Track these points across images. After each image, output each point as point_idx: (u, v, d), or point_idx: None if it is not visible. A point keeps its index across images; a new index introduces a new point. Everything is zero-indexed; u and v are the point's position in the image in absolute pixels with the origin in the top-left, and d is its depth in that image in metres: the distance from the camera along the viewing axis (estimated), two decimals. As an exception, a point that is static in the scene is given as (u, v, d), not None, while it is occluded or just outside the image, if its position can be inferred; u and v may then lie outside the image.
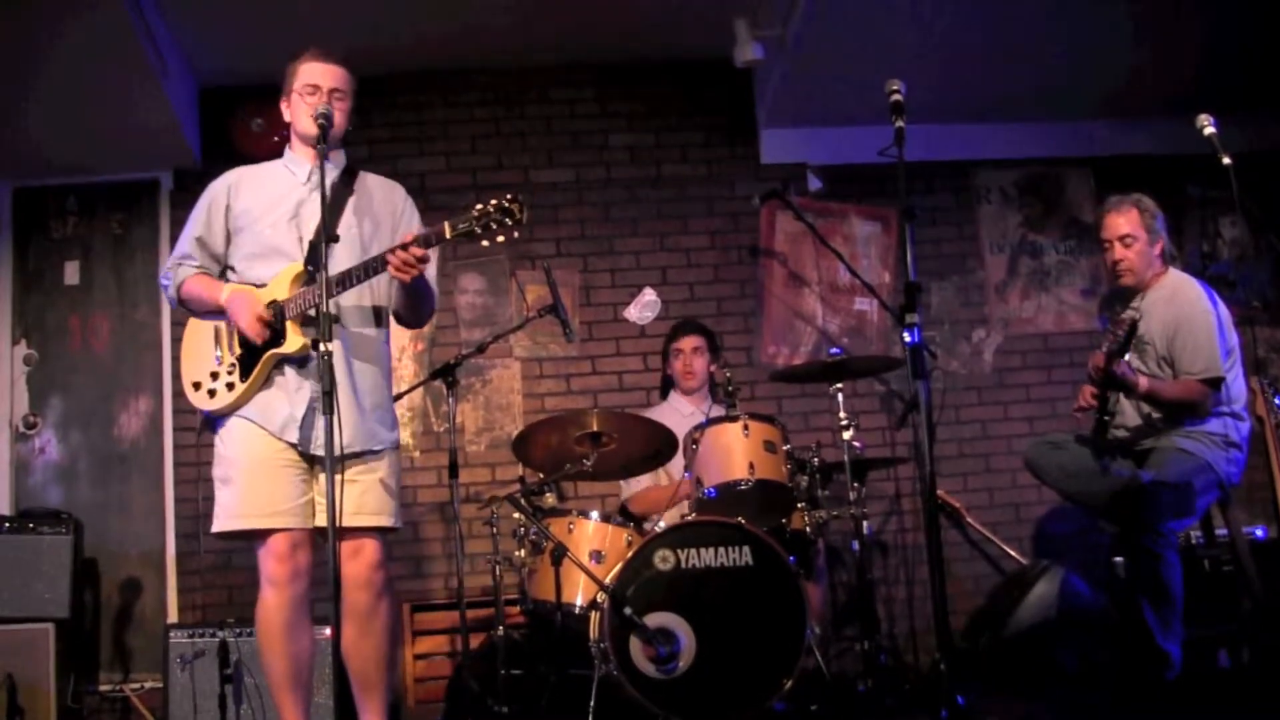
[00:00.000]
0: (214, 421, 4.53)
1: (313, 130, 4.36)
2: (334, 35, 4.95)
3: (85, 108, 6.70)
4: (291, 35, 4.80)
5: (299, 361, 4.42)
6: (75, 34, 6.03)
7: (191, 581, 7.14)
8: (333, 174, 4.55)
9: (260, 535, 4.42)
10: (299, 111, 4.57)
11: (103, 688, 6.93)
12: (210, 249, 4.60)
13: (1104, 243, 5.74)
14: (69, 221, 7.49)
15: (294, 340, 4.39)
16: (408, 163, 7.59)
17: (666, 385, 7.01)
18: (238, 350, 4.47)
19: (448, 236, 4.30)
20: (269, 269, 4.48)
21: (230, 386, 4.45)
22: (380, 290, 4.64)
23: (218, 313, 4.52)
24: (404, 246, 4.26)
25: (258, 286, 4.49)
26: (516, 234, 4.32)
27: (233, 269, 4.60)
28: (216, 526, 4.47)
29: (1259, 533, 6.71)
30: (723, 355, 7.07)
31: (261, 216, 4.54)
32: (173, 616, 7.07)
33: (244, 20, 6.72)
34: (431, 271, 4.62)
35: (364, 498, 4.43)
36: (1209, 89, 6.89)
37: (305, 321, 4.39)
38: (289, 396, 4.42)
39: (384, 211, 4.71)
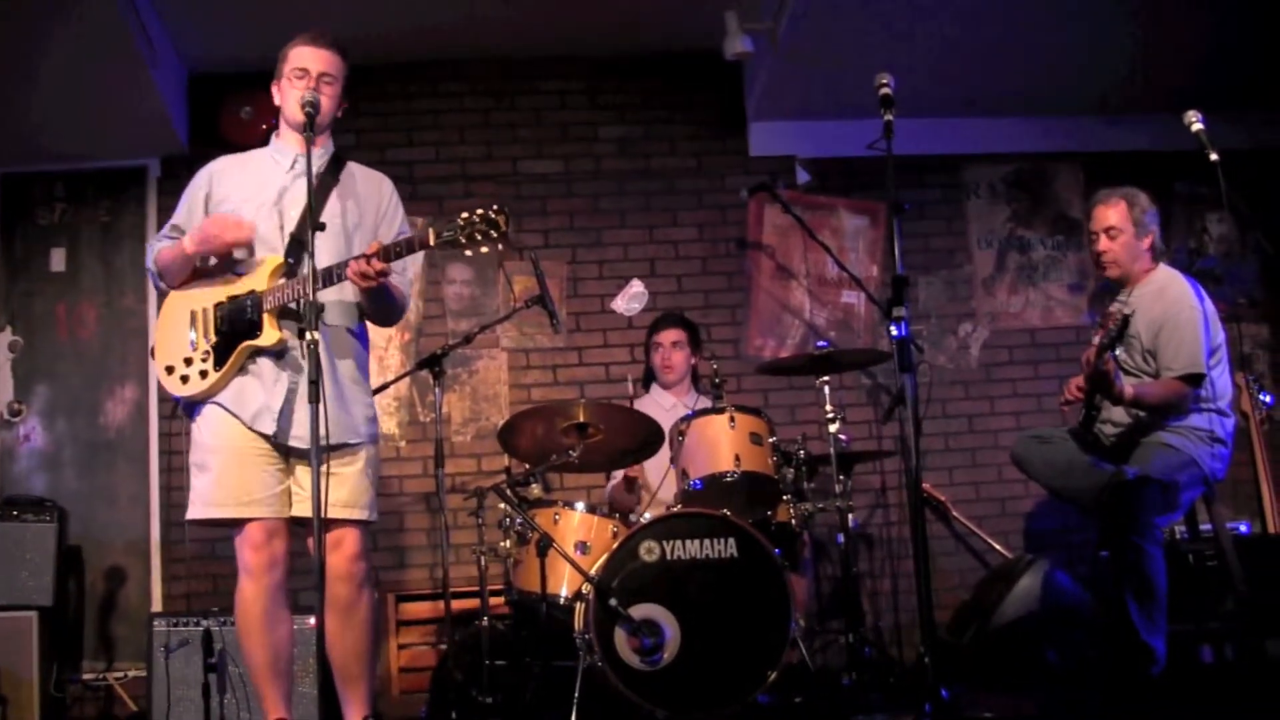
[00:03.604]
0: (191, 408, 4.53)
1: (300, 117, 4.35)
2: (325, 23, 4.90)
3: (74, 94, 6.68)
4: (281, 23, 4.78)
5: (275, 354, 4.42)
6: (64, 21, 6.02)
7: (176, 570, 7.13)
8: (319, 161, 4.54)
9: (236, 524, 4.43)
10: (288, 96, 4.56)
11: (86, 676, 6.92)
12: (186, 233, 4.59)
13: (1091, 234, 5.75)
14: (56, 208, 7.47)
15: (270, 334, 4.39)
16: (396, 152, 7.59)
17: (648, 377, 7.02)
18: (213, 337, 4.47)
19: (431, 244, 4.30)
20: (248, 257, 4.49)
21: (203, 374, 4.44)
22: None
23: (189, 270, 4.51)
24: (367, 257, 4.28)
25: (236, 276, 4.49)
26: (500, 246, 4.31)
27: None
28: (191, 514, 4.49)
29: (1243, 528, 6.75)
30: (709, 347, 7.08)
31: (242, 203, 4.52)
32: (157, 605, 7.05)
33: (233, 7, 6.70)
34: (407, 276, 4.71)
35: (339, 490, 4.42)
36: (1199, 86, 6.90)
37: (283, 314, 4.39)
38: (266, 388, 4.42)
39: (369, 204, 4.70)
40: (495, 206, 4.30)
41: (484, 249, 4.30)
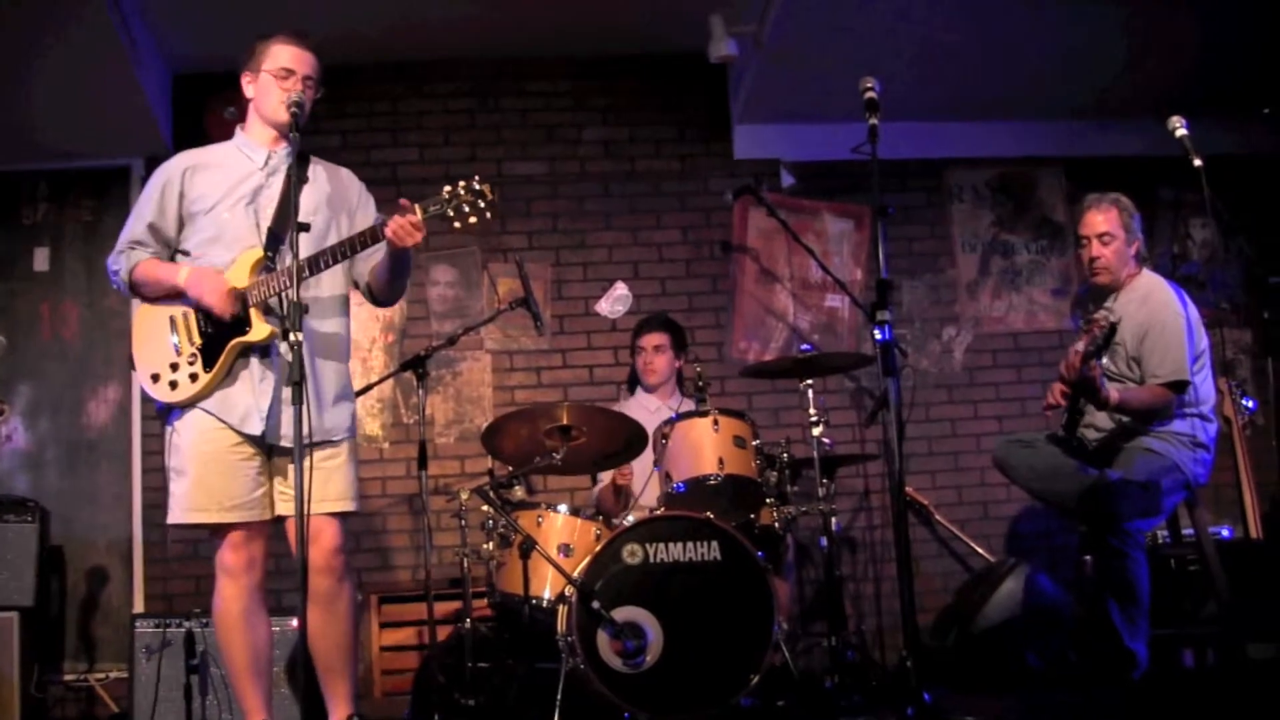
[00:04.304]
0: (170, 412, 4.50)
1: (283, 117, 4.33)
2: (310, 23, 4.91)
3: (58, 94, 6.67)
4: (266, 23, 4.75)
5: (262, 351, 4.40)
6: (50, 21, 6.01)
7: (158, 571, 7.12)
8: (289, 159, 4.52)
9: (217, 529, 4.42)
10: (268, 93, 4.52)
11: (67, 677, 6.91)
12: (163, 234, 4.54)
13: (1081, 239, 5.75)
14: (40, 208, 7.45)
15: (260, 329, 4.36)
16: (381, 153, 7.58)
17: (634, 380, 7.03)
18: (198, 339, 4.43)
19: (419, 218, 4.29)
20: (226, 254, 4.45)
21: (193, 377, 4.40)
22: (340, 279, 4.62)
23: (174, 296, 4.47)
24: (401, 213, 4.27)
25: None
26: (489, 215, 4.30)
27: (186, 254, 4.53)
28: (172, 518, 4.47)
29: (1225, 533, 6.76)
30: (692, 350, 7.08)
31: (218, 201, 4.49)
32: (139, 606, 7.03)
33: (219, 7, 6.68)
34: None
35: (326, 486, 4.41)
36: (1190, 91, 6.93)
37: (268, 309, 4.37)
38: (253, 387, 4.40)
39: (340, 199, 4.69)
40: (477, 178, 4.30)
41: (473, 219, 4.30)
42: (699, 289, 7.76)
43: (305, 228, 4.13)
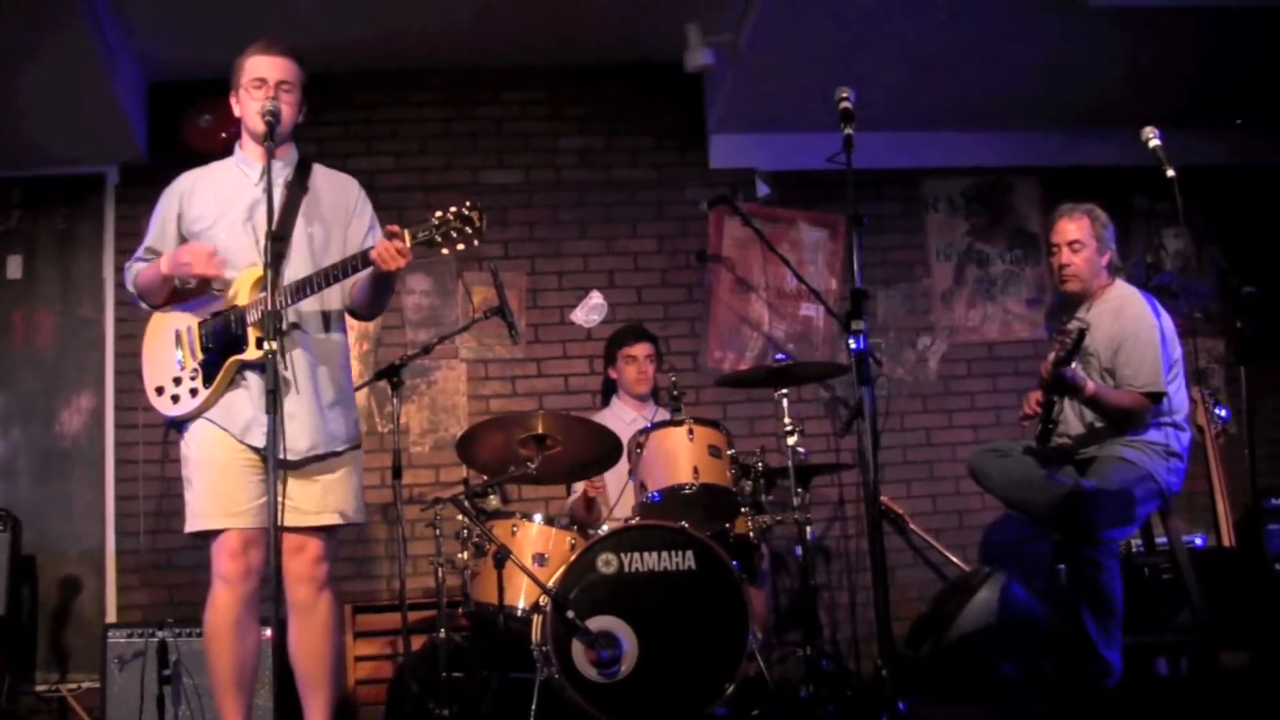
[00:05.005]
0: (180, 424, 4.51)
1: (261, 127, 4.33)
2: (285, 31, 4.90)
3: (32, 102, 6.64)
4: (242, 31, 4.75)
5: (262, 367, 4.39)
6: (24, 29, 5.98)
7: (131, 580, 7.07)
8: (286, 171, 4.54)
9: (219, 534, 4.40)
10: (248, 107, 4.52)
11: (39, 688, 6.85)
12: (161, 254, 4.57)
13: (1052, 247, 5.77)
14: (13, 215, 7.40)
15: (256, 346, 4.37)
16: (356, 161, 7.51)
17: (608, 391, 7.01)
18: (200, 355, 4.45)
19: (407, 244, 4.27)
20: (229, 272, 4.45)
21: (194, 392, 4.43)
22: (336, 292, 4.61)
23: (168, 291, 4.49)
24: (389, 237, 4.24)
25: (218, 292, 4.48)
26: (476, 243, 4.28)
27: None
28: (188, 528, 4.49)
29: (1198, 541, 6.78)
30: (668, 360, 7.08)
31: (216, 221, 4.50)
32: (112, 616, 6.99)
33: (194, 15, 6.66)
34: None
35: (328, 496, 4.45)
36: (1161, 102, 6.97)
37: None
38: (254, 400, 4.40)
39: (338, 208, 4.68)
40: (468, 203, 4.27)
41: (460, 246, 4.27)
42: (674, 298, 7.76)
43: (280, 237, 4.15)
